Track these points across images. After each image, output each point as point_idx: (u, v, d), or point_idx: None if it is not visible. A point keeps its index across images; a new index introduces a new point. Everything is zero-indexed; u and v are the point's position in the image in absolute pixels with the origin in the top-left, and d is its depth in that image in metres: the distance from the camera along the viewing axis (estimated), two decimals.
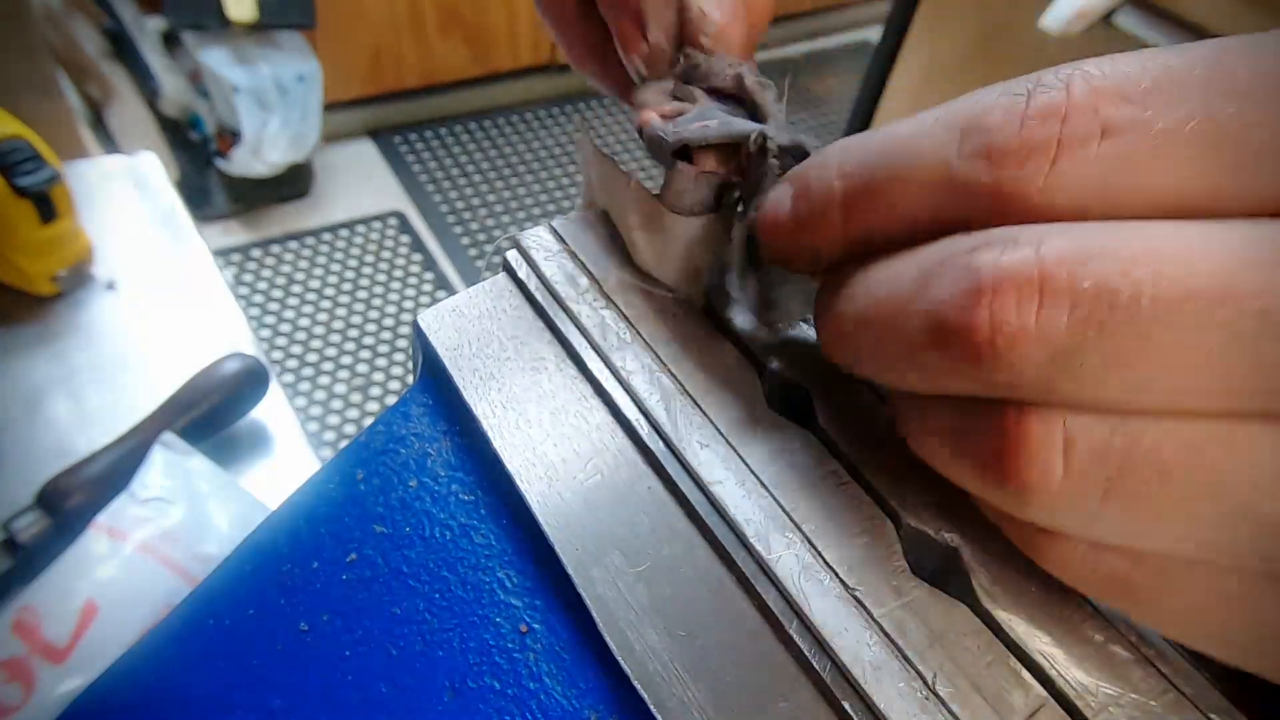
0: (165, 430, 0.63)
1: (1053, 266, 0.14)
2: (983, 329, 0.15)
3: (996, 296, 0.15)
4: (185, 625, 0.25)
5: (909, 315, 0.16)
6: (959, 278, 0.15)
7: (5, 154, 0.68)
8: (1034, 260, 0.14)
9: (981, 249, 0.15)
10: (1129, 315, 0.14)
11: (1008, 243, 0.15)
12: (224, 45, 1.91)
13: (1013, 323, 0.15)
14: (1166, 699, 0.19)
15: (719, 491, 0.21)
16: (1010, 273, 0.15)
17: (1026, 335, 0.14)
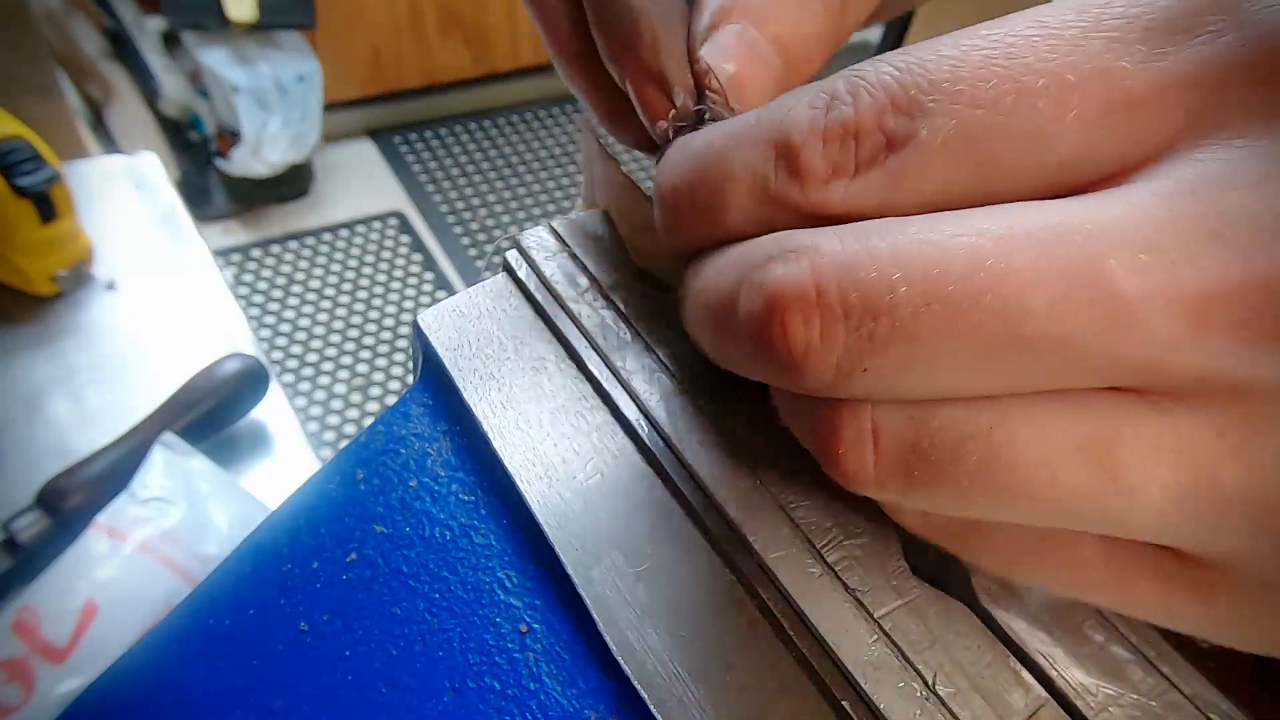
0: (165, 430, 0.63)
1: (825, 280, 0.15)
2: (780, 345, 0.16)
3: (785, 314, 0.16)
4: (185, 625, 0.25)
5: (731, 322, 0.17)
6: (756, 292, 0.16)
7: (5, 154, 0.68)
8: (809, 274, 0.15)
9: (773, 261, 0.16)
10: (892, 320, 0.15)
11: (789, 256, 0.16)
12: (224, 45, 1.91)
13: (801, 340, 0.16)
14: (1166, 699, 0.19)
15: (719, 491, 0.21)
16: (793, 288, 0.16)
17: (814, 350, 0.16)
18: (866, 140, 0.16)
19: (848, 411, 0.17)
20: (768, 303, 0.16)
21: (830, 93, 0.17)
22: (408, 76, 2.39)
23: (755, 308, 0.16)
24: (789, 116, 0.17)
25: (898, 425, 0.16)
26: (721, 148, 0.19)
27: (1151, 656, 0.20)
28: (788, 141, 0.17)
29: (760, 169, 0.18)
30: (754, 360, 0.17)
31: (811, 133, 0.17)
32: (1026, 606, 0.20)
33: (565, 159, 2.48)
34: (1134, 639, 0.20)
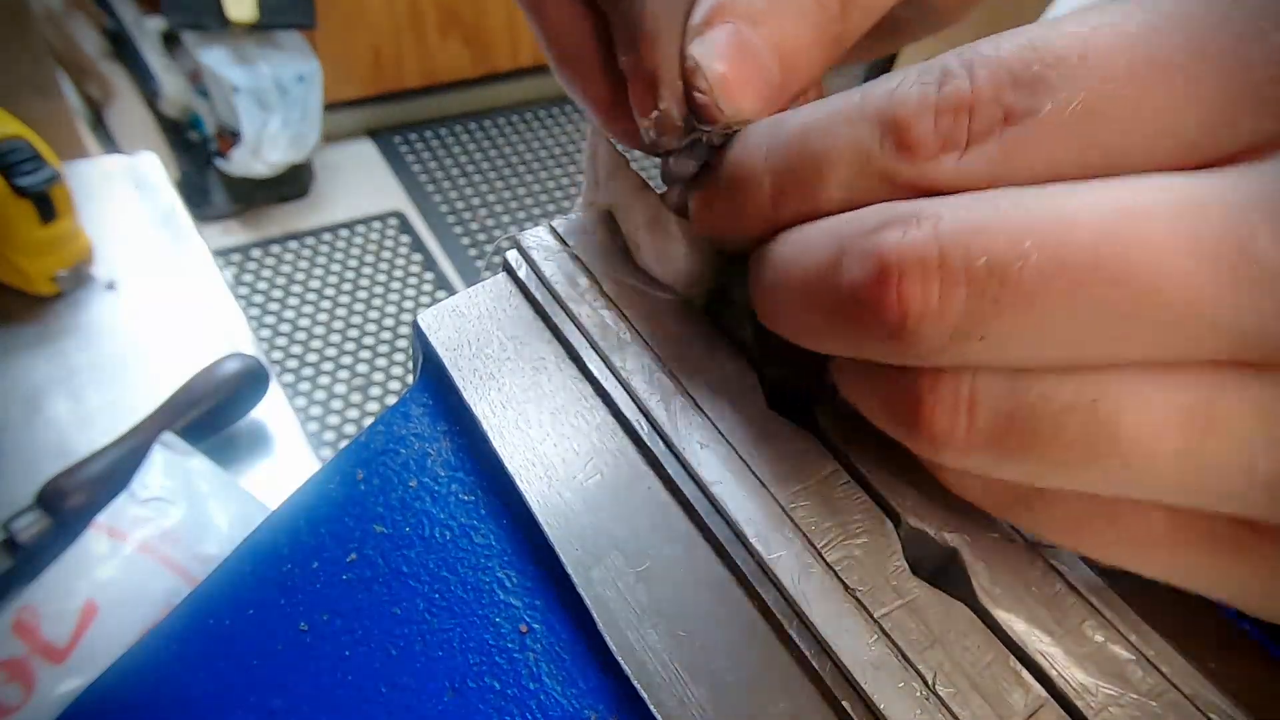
0: (165, 430, 0.63)
1: (949, 246, 0.15)
2: (892, 310, 0.16)
3: (902, 279, 0.16)
4: (185, 625, 0.25)
5: (825, 291, 0.18)
6: (867, 258, 0.16)
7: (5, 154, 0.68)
8: (933, 239, 0.16)
9: (886, 227, 0.16)
10: (1019, 287, 0.15)
11: (909, 221, 0.16)
12: (224, 45, 1.91)
13: (918, 304, 0.16)
14: (1166, 699, 0.19)
15: (719, 491, 0.21)
16: (912, 253, 0.16)
17: (931, 314, 0.16)
18: (982, 114, 0.16)
19: (945, 378, 0.17)
20: (880, 267, 0.16)
21: (941, 68, 0.17)
22: (408, 76, 2.39)
23: (864, 273, 0.16)
24: (897, 92, 0.17)
25: (997, 394, 0.16)
26: (823, 124, 0.18)
27: (1151, 656, 0.20)
28: (896, 116, 0.17)
29: (865, 144, 0.17)
30: (849, 328, 0.17)
31: (922, 107, 0.17)
32: (1027, 606, 0.20)
33: (565, 159, 2.48)
34: (1134, 639, 0.20)
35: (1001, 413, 0.16)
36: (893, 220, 0.16)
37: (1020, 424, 0.16)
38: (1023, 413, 0.16)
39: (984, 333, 0.15)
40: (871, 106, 0.18)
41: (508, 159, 2.47)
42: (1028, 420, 0.16)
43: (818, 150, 0.18)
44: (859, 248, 0.17)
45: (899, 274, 0.16)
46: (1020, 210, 0.15)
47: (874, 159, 0.17)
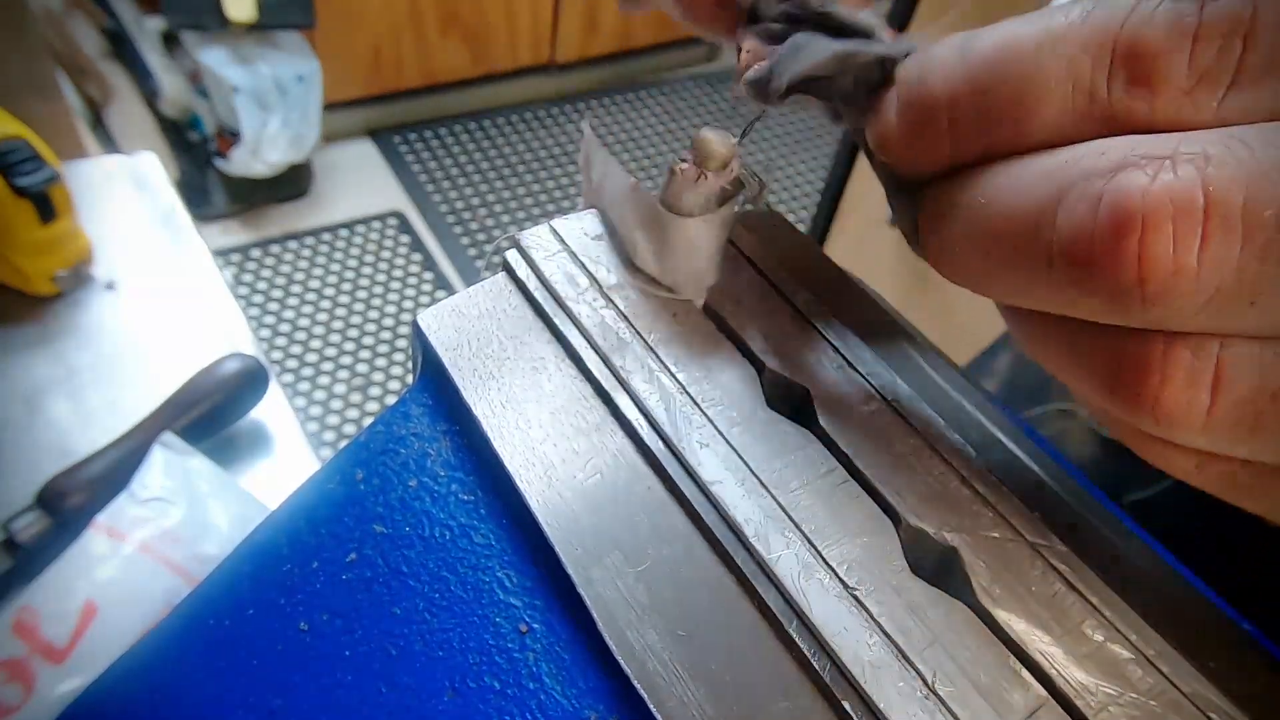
0: (165, 430, 0.63)
1: (1223, 191, 0.12)
2: (1131, 268, 0.13)
3: (1148, 231, 0.13)
4: (185, 625, 0.25)
5: (1037, 241, 0.14)
6: (1100, 204, 0.13)
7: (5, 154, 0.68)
8: (1197, 184, 0.13)
9: (1129, 168, 0.13)
10: None
11: (1162, 162, 0.13)
12: (224, 45, 1.91)
13: (1169, 262, 0.13)
14: (1166, 699, 0.19)
15: (719, 491, 0.21)
16: (1167, 201, 0.13)
17: (1187, 274, 0.13)
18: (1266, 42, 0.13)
19: (1183, 346, 0.14)
20: (1119, 216, 0.13)
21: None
22: (408, 76, 2.38)
23: (1096, 222, 0.13)
24: (1138, 11, 0.14)
25: (1253, 368, 0.14)
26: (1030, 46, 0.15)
27: (1151, 656, 0.20)
28: (1136, 42, 0.13)
29: (1087, 75, 0.14)
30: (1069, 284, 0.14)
31: (1177, 33, 0.13)
32: (1026, 606, 0.20)
33: (565, 159, 2.48)
34: (1134, 639, 0.20)
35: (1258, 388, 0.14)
36: (1136, 159, 0.13)
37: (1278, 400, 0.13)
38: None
39: (1258, 296, 0.13)
40: (1099, 26, 0.14)
41: (508, 159, 2.47)
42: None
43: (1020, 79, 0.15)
44: (1087, 191, 0.14)
45: (1143, 225, 0.13)
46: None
47: (1098, 95, 0.14)
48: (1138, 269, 0.13)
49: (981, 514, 0.22)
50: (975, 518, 0.22)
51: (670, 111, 2.67)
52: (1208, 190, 0.12)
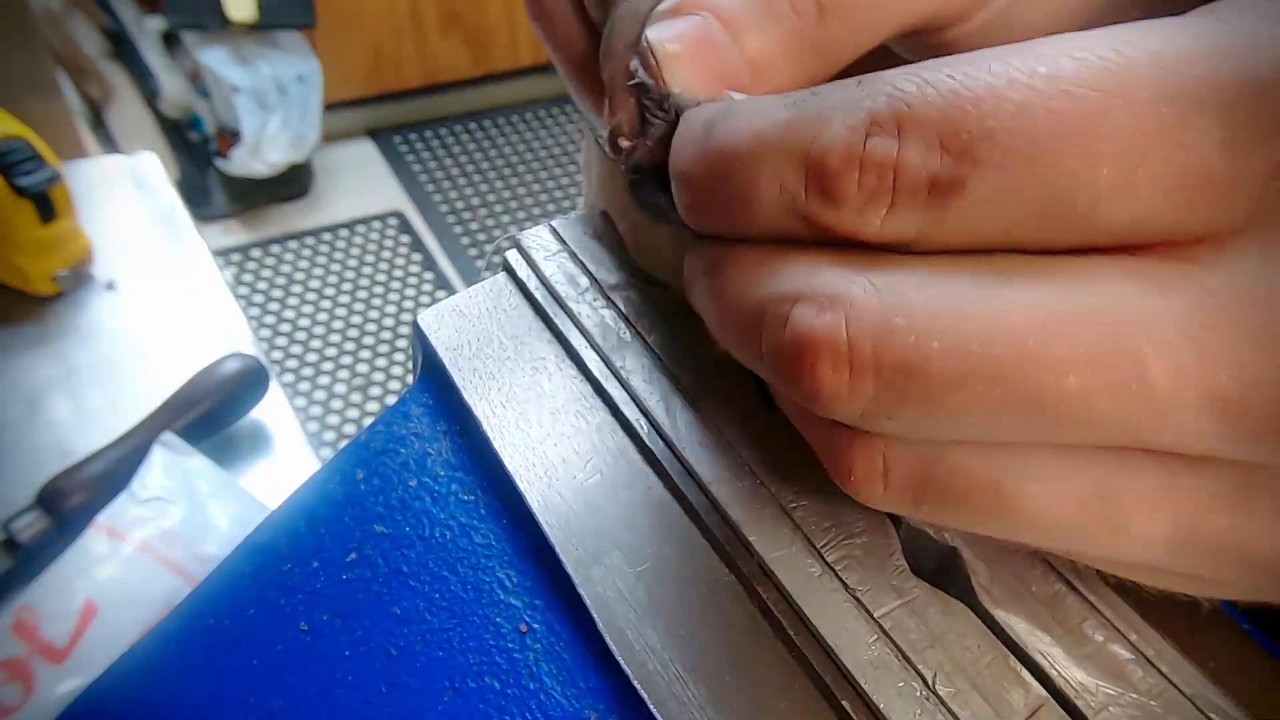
0: (165, 430, 0.63)
1: (858, 337, 0.15)
2: (807, 385, 0.16)
3: (815, 360, 0.16)
4: (185, 625, 0.25)
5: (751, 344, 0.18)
6: (783, 331, 0.16)
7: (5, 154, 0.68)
8: (841, 329, 0.16)
9: (803, 301, 0.16)
10: (926, 383, 0.15)
11: (821, 301, 0.16)
12: (224, 45, 1.91)
13: (830, 385, 0.16)
14: (1166, 699, 0.19)
15: (719, 491, 0.21)
16: (823, 338, 0.16)
17: (841, 395, 0.16)
18: (908, 177, 0.15)
19: (861, 443, 0.17)
20: (796, 345, 0.16)
21: (871, 114, 0.16)
22: (408, 76, 2.38)
23: (782, 344, 0.16)
24: (822, 136, 0.16)
25: (909, 463, 0.17)
26: (748, 148, 0.17)
27: (1151, 656, 0.20)
28: (821, 163, 0.16)
29: (790, 184, 0.17)
30: (772, 377, 0.17)
31: (847, 159, 0.16)
32: (1026, 606, 0.20)
33: (565, 159, 2.48)
34: (1134, 639, 0.20)
35: (914, 478, 0.17)
36: (809, 295, 0.16)
37: (932, 489, 0.17)
38: (933, 482, 0.17)
39: (890, 417, 0.16)
40: (796, 141, 0.17)
41: (508, 159, 2.47)
42: (939, 487, 0.17)
43: (740, 173, 0.18)
44: (777, 315, 0.17)
45: (811, 354, 0.16)
46: (927, 306, 0.15)
47: (798, 201, 0.17)
48: (812, 387, 0.16)
49: None
50: None
51: None
52: (850, 335, 0.16)
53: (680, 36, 0.20)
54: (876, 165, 0.15)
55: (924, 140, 0.15)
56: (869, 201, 0.16)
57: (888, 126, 0.15)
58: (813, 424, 0.19)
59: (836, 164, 0.16)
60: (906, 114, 0.15)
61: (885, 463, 0.17)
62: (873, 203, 0.16)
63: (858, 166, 0.16)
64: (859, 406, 0.16)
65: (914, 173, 0.15)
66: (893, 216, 0.16)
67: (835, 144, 0.16)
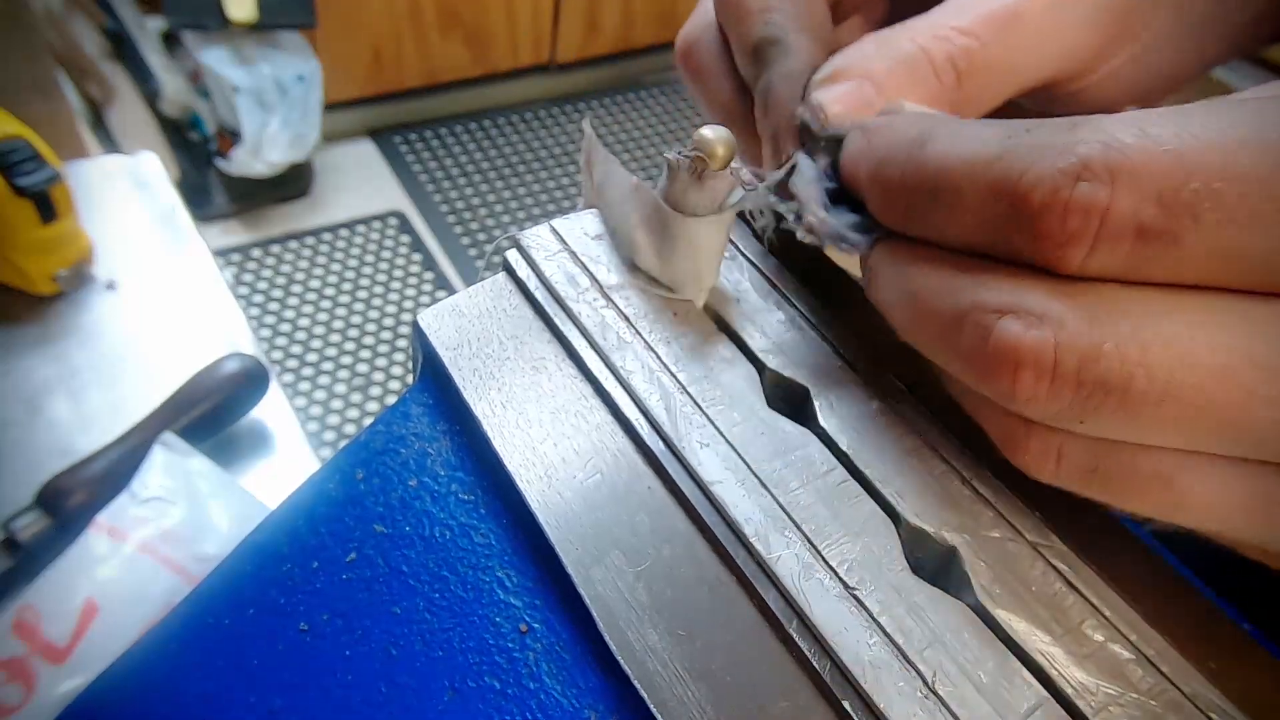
0: (165, 430, 0.63)
1: (1065, 356, 0.17)
2: (1005, 386, 0.18)
3: (1019, 369, 0.17)
4: (185, 625, 0.25)
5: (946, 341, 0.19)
6: (988, 338, 0.18)
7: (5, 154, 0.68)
8: (1051, 345, 0.17)
9: (1009, 316, 0.18)
10: (1124, 402, 0.17)
11: (1031, 319, 0.17)
12: (224, 45, 1.91)
13: (1028, 389, 0.17)
14: (1166, 699, 0.19)
15: (719, 491, 0.21)
16: (1030, 351, 0.17)
17: (1038, 400, 0.18)
18: (1116, 224, 0.16)
19: (1039, 434, 0.19)
20: (1001, 353, 0.18)
21: (1081, 158, 0.16)
22: (408, 76, 2.38)
23: (985, 349, 0.18)
24: (1032, 171, 0.17)
25: (1083, 453, 0.19)
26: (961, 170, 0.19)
27: (1151, 656, 0.20)
28: (1026, 200, 0.17)
29: (993, 210, 0.18)
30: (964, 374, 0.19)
31: (1054, 199, 0.17)
32: (1026, 606, 0.20)
33: (565, 159, 2.48)
34: (1134, 639, 0.20)
35: (1087, 467, 0.19)
36: (1018, 308, 0.18)
37: (1103, 477, 0.19)
38: (1107, 473, 0.19)
39: (1081, 421, 0.18)
40: (1004, 173, 0.18)
41: (508, 159, 2.47)
42: (1111, 477, 0.19)
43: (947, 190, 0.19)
44: (981, 322, 0.18)
45: (1016, 363, 0.17)
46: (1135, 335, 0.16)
47: (1001, 225, 0.18)
48: (1010, 388, 0.18)
49: (981, 514, 0.22)
50: (975, 517, 0.22)
51: (670, 111, 2.67)
52: (1057, 353, 0.17)
53: (840, 99, 0.23)
54: (1083, 208, 0.16)
55: (1138, 191, 0.16)
56: (1070, 240, 0.17)
57: (1100, 173, 0.16)
58: (988, 409, 0.20)
59: (1041, 200, 0.17)
60: (1123, 163, 0.16)
61: (1060, 450, 0.19)
62: (1074, 242, 0.17)
63: (1063, 208, 0.17)
64: (1054, 410, 0.18)
65: (1123, 220, 0.16)
66: (1095, 256, 0.17)
67: (1043, 182, 0.17)
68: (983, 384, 0.18)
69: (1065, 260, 0.17)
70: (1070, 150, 0.17)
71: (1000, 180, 0.18)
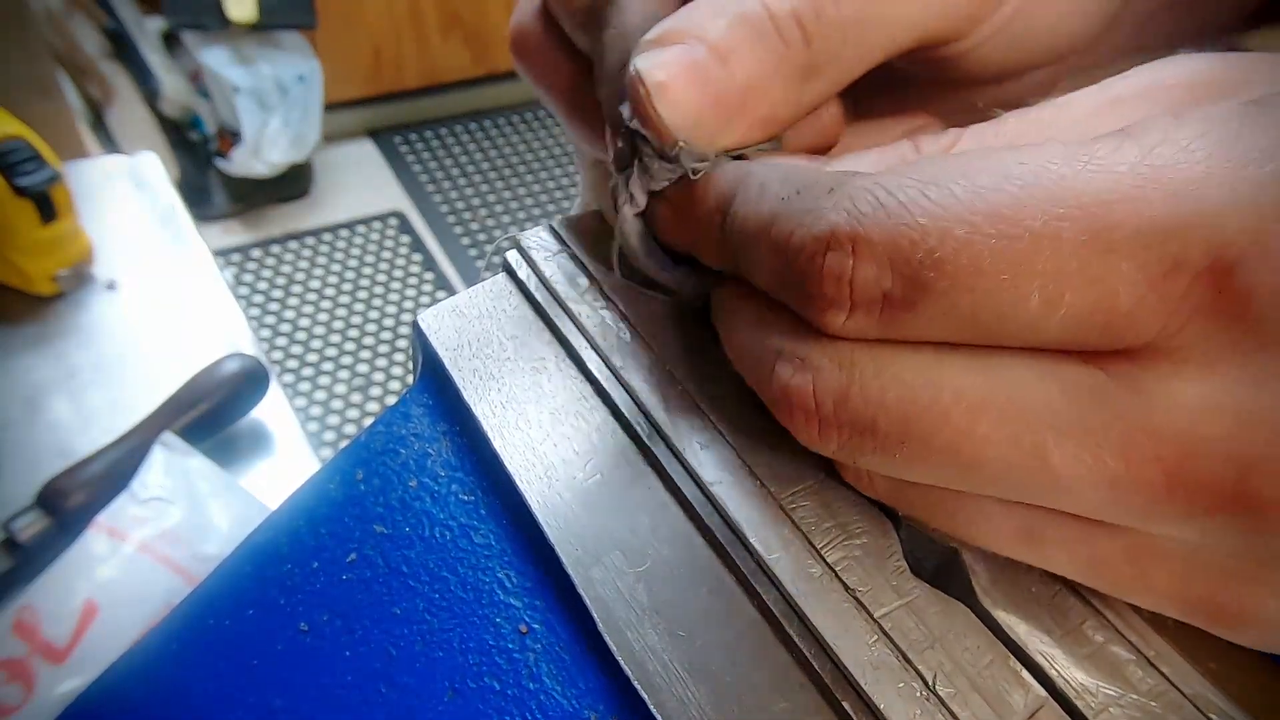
0: (165, 430, 0.63)
1: (822, 401, 0.18)
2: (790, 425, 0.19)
3: (791, 410, 0.19)
4: (185, 625, 0.25)
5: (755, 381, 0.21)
6: (772, 380, 0.19)
7: (5, 154, 0.68)
8: (810, 391, 0.19)
9: (782, 361, 0.19)
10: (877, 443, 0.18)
11: (798, 363, 0.19)
12: (224, 45, 1.91)
13: (804, 430, 0.19)
14: (1166, 699, 0.19)
15: (719, 491, 0.21)
16: (795, 394, 0.19)
17: (813, 440, 0.19)
18: (862, 292, 0.17)
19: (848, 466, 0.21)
20: (780, 395, 0.19)
21: (832, 228, 0.17)
22: (408, 76, 2.39)
23: (771, 390, 0.19)
24: (795, 235, 0.18)
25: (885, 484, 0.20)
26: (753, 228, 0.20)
27: (1151, 656, 0.20)
28: (795, 263, 0.18)
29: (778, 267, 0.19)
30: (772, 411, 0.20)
31: (810, 265, 0.18)
32: (1027, 606, 0.20)
33: (565, 159, 2.48)
34: (1134, 639, 0.20)
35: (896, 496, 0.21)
36: (790, 355, 0.19)
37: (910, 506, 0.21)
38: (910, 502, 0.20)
39: (856, 461, 0.19)
40: (778, 237, 0.19)
41: (508, 159, 2.47)
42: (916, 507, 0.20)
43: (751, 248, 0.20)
44: (766, 364, 0.20)
45: (789, 404, 0.19)
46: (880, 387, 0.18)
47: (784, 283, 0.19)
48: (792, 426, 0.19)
49: None
50: None
51: None
52: (817, 399, 0.18)
53: (666, 64, 0.20)
54: (833, 278, 0.17)
55: (875, 261, 0.17)
56: (829, 304, 0.18)
57: (844, 243, 0.17)
58: None
59: (801, 267, 0.18)
60: (860, 234, 0.17)
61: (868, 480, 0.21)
62: (832, 306, 0.18)
63: (818, 275, 0.18)
64: (831, 450, 0.19)
65: (868, 289, 0.17)
66: (853, 320, 0.18)
67: (801, 250, 0.18)
68: (781, 422, 0.20)
69: (827, 322, 0.18)
70: (821, 218, 0.18)
71: (776, 241, 0.19)
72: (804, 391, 0.19)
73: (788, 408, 0.19)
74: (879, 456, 0.18)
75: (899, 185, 0.17)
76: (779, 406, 0.19)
